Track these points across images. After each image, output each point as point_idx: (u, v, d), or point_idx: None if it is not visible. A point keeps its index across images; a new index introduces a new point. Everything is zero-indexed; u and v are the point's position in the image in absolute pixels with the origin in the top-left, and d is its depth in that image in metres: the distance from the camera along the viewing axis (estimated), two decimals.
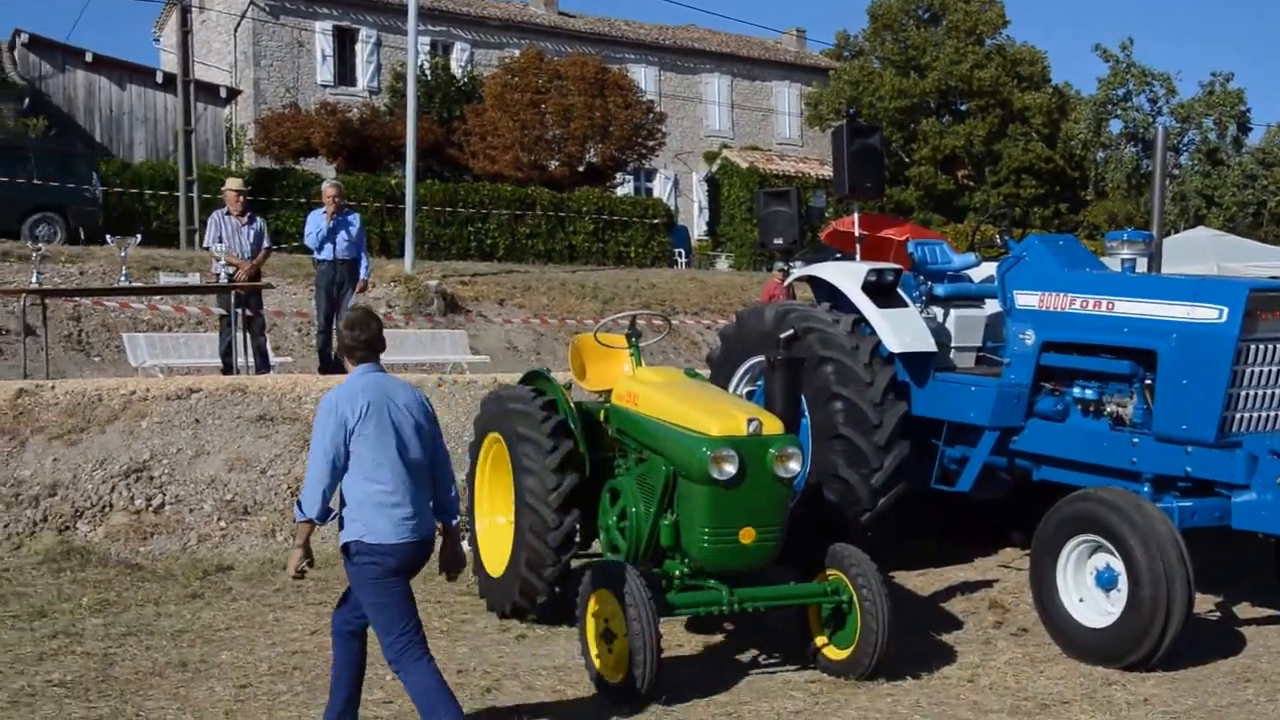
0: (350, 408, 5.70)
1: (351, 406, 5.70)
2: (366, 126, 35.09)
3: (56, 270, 19.70)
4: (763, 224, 11.87)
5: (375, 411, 5.73)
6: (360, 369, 5.89)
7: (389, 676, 7.03)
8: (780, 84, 51.22)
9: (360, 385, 5.82)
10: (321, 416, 5.74)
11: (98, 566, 9.72)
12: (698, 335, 23.94)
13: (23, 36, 32.16)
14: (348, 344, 5.94)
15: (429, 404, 6.09)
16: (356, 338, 5.90)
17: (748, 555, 7.00)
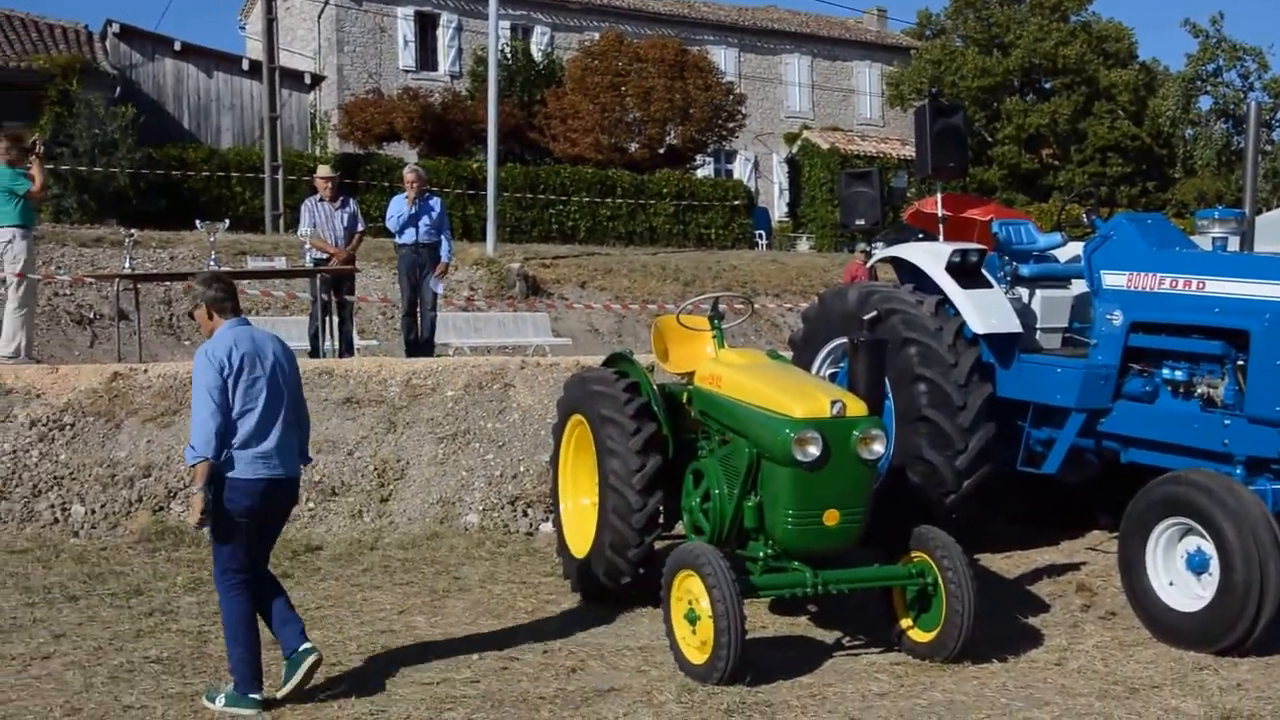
0: (225, 357, 6.26)
1: (226, 356, 6.27)
2: (448, 111, 35.35)
3: (147, 255, 20.13)
4: (844, 205, 11.81)
5: (247, 360, 6.31)
6: (230, 322, 6.45)
7: (476, 655, 7.14)
8: (861, 64, 50.82)
9: (232, 337, 6.38)
10: (200, 367, 6.25)
11: (190, 546, 9.92)
12: (778, 317, 23.88)
13: (114, 27, 32.76)
14: (218, 298, 6.49)
15: (292, 353, 6.72)
16: (226, 293, 6.54)
17: (831, 537, 6.98)
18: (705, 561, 6.70)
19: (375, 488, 10.94)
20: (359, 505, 10.80)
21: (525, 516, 10.78)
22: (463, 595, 8.67)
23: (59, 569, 9.17)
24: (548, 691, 6.56)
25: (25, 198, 12.50)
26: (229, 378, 6.23)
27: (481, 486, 10.95)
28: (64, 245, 20.43)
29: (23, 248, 12.52)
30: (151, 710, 6.23)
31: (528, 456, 11.18)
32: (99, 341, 18.46)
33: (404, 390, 11.74)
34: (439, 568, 9.44)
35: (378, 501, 10.84)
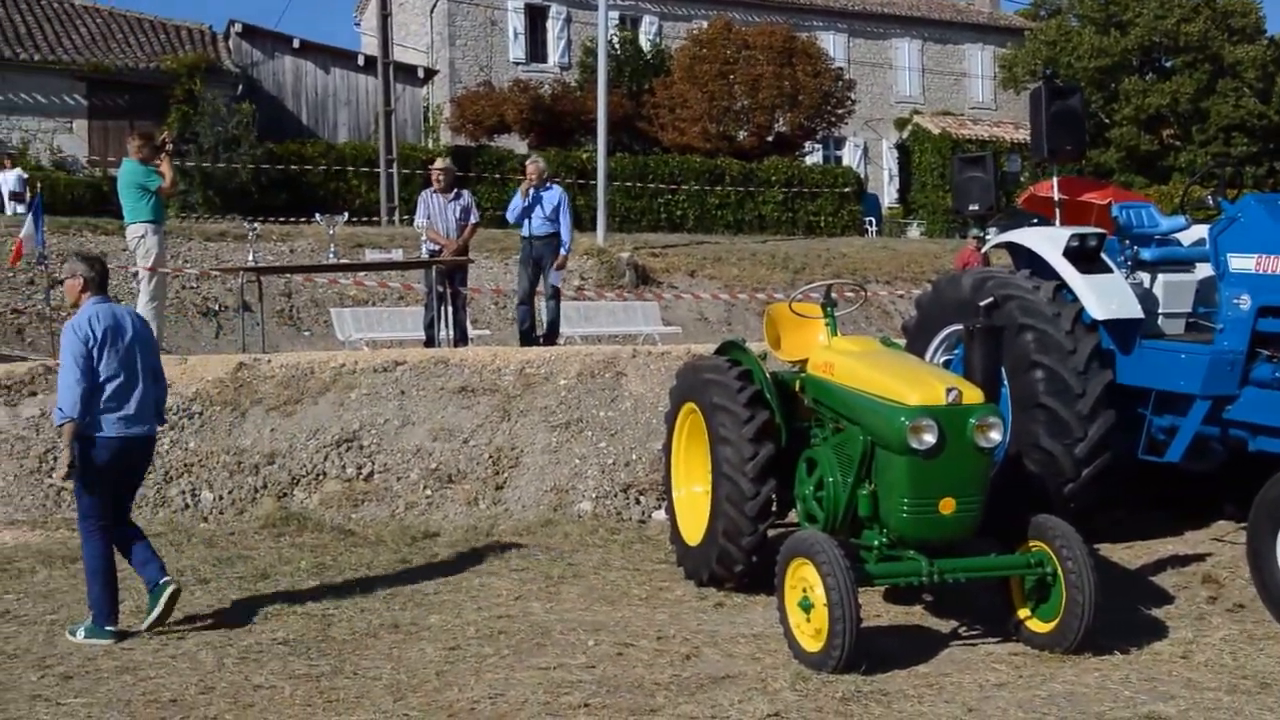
0: (90, 329, 7.22)
1: (90, 328, 7.22)
2: (557, 102, 35.61)
3: (269, 249, 20.60)
4: (957, 190, 11.68)
5: (109, 333, 7.26)
6: (94, 299, 7.40)
7: (591, 641, 7.22)
8: (973, 46, 50.07)
9: (96, 312, 7.33)
10: (68, 338, 7.18)
11: (313, 531, 10.16)
12: (889, 304, 23.69)
13: (237, 26, 33.58)
14: (93, 278, 7.45)
15: (149, 326, 7.78)
16: (100, 274, 7.51)
17: (947, 526, 6.93)
18: (820, 549, 6.69)
19: (490, 475, 11.10)
20: (475, 492, 10.96)
21: (638, 504, 10.86)
22: (577, 582, 8.76)
23: (190, 553, 9.45)
24: (663, 678, 6.61)
25: (156, 194, 12.88)
26: (93, 348, 7.20)
27: (594, 474, 11.05)
28: (190, 240, 21.00)
29: (154, 243, 12.90)
30: (280, 690, 6.41)
31: (640, 444, 11.25)
32: (223, 333, 18.95)
33: (518, 379, 11.88)
34: (553, 554, 9.55)
35: (493, 489, 11.00)
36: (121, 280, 18.63)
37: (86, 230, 20.95)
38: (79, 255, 7.96)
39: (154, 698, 6.30)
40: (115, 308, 7.52)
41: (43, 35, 31.75)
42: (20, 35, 31.44)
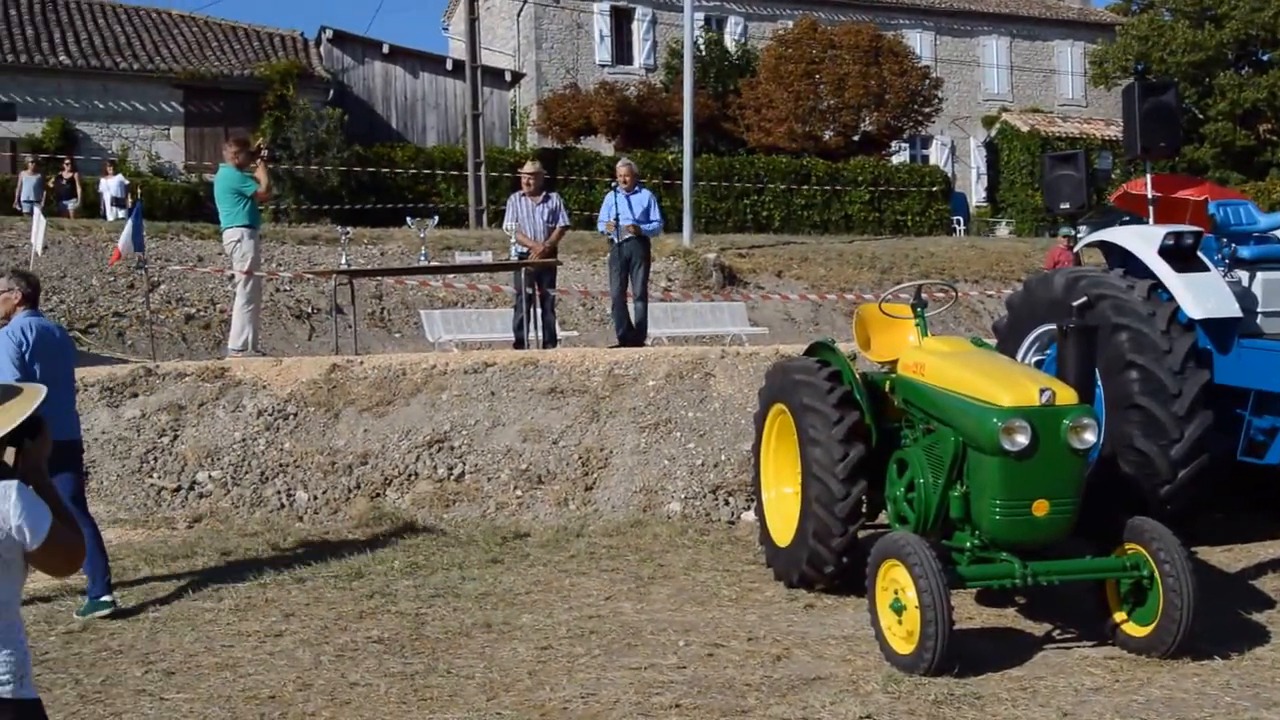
0: (24, 337, 7.81)
1: (24, 336, 7.81)
2: (643, 104, 35.70)
3: (360, 252, 20.88)
4: (1048, 188, 11.54)
5: (40, 343, 7.87)
6: (26, 312, 8.00)
7: (682, 641, 7.25)
8: (1062, 43, 49.37)
9: (29, 323, 7.94)
10: (3, 345, 7.75)
11: (406, 531, 10.30)
12: (978, 304, 23.47)
13: (328, 33, 34.10)
14: (29, 293, 8.09)
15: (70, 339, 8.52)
16: (34, 289, 8.19)
17: (1041, 528, 6.87)
18: (911, 551, 6.66)
19: (580, 476, 11.17)
20: (564, 493, 11.04)
21: (727, 505, 10.87)
22: (667, 582, 8.79)
23: (286, 551, 9.63)
24: (753, 679, 6.62)
25: (252, 199, 13.13)
26: (26, 353, 7.77)
27: (683, 475, 11.08)
28: (283, 243, 21.36)
29: (250, 247, 13.15)
30: (375, 688, 6.51)
31: (729, 445, 11.26)
32: (316, 334, 19.26)
33: (606, 380, 11.94)
34: (643, 555, 9.58)
35: (582, 490, 11.07)
36: (218, 284, 19.04)
37: (183, 234, 21.39)
38: (15, 272, 8.61)
39: (253, 694, 6.44)
40: (44, 320, 8.21)
41: (141, 45, 32.48)
42: (120, 45, 32.19)
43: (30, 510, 3.31)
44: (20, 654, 3.40)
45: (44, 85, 30.64)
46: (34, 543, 3.32)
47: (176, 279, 19.40)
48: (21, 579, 3.42)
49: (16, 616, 3.45)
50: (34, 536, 3.32)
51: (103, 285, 18.99)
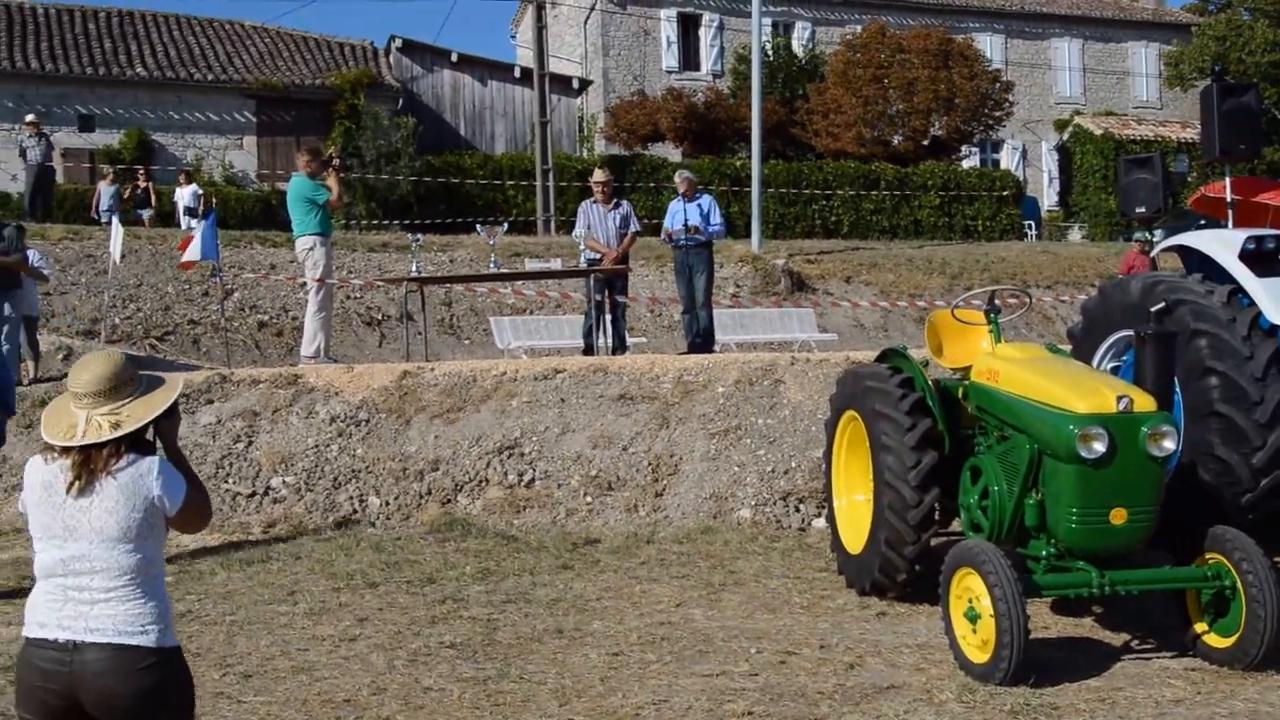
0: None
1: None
2: (711, 110, 35.68)
3: (429, 259, 21.03)
4: (1123, 192, 11.41)
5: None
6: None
7: (754, 649, 7.22)
8: (1136, 44, 48.71)
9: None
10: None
11: (477, 537, 10.36)
12: (1051, 309, 23.20)
13: (397, 42, 34.42)
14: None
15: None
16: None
17: (1118, 537, 6.78)
18: (986, 559, 6.60)
19: (649, 483, 11.17)
20: (634, 500, 11.05)
21: (797, 512, 10.82)
22: (738, 589, 8.77)
23: (359, 557, 9.72)
24: (826, 687, 6.59)
25: (324, 207, 13.28)
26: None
27: (753, 482, 11.05)
28: (353, 251, 21.57)
29: (322, 254, 13.30)
30: (448, 693, 6.55)
31: (799, 452, 11.21)
32: (386, 341, 19.42)
33: (676, 387, 11.94)
34: (713, 562, 9.57)
35: (652, 496, 11.07)
36: (290, 291, 19.26)
37: (256, 243, 21.66)
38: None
39: (329, 698, 6.50)
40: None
41: (215, 56, 32.97)
42: (195, 56, 32.69)
43: (170, 481, 3.86)
44: (164, 606, 3.87)
45: (122, 97, 31.19)
46: (172, 509, 3.88)
47: (250, 287, 19.65)
48: (163, 540, 3.94)
49: (161, 572, 3.94)
50: (173, 504, 3.86)
51: (178, 293, 19.27)
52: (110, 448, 3.80)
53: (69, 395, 3.93)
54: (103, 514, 3.78)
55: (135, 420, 3.85)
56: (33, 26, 32.31)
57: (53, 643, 3.75)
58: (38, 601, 3.85)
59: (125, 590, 3.79)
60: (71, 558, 3.79)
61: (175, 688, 3.85)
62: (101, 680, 3.71)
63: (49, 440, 3.87)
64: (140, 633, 3.77)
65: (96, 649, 3.73)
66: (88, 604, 3.77)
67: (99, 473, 3.78)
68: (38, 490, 3.87)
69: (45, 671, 3.75)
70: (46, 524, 3.84)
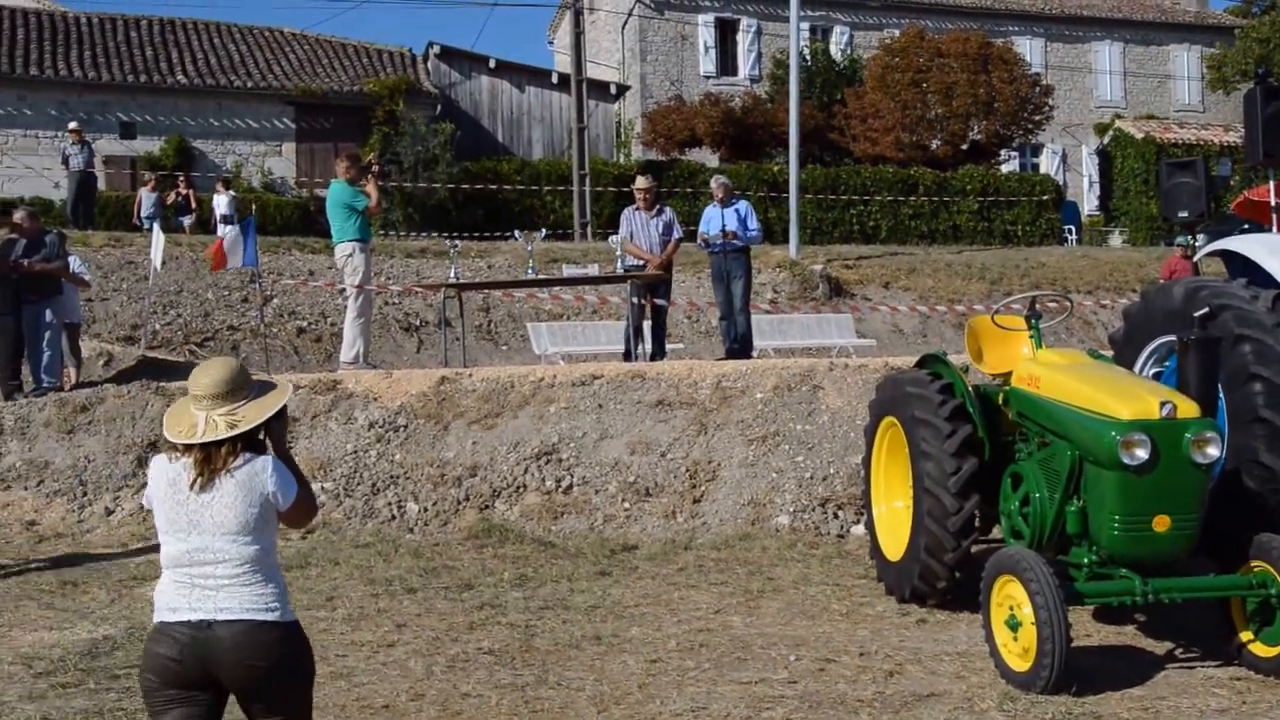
0: None
1: None
2: (748, 115, 35.62)
3: (466, 265, 21.06)
4: (1165, 196, 11.31)
5: None
6: None
7: (793, 656, 7.18)
8: (1178, 47, 48.29)
9: None
10: None
11: (515, 543, 10.37)
12: (1091, 315, 22.99)
13: (435, 48, 34.58)
14: None
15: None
16: None
17: (1162, 544, 6.72)
18: (1027, 567, 6.55)
19: (687, 489, 11.15)
20: (672, 506, 11.03)
21: (836, 518, 10.77)
22: (776, 596, 8.74)
23: (397, 563, 9.74)
24: (866, 694, 6.55)
25: (363, 214, 13.33)
26: None
27: (792, 488, 11.01)
28: (392, 257, 21.64)
29: (361, 261, 13.35)
30: (486, 699, 6.55)
31: (838, 458, 11.17)
32: (424, 347, 19.47)
33: (714, 393, 11.92)
34: (752, 568, 9.54)
35: (690, 502, 11.05)
36: (329, 297, 19.35)
37: (295, 249, 21.77)
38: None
39: (367, 704, 6.51)
40: None
41: (255, 63, 33.21)
42: (235, 64, 32.94)
43: (282, 479, 4.20)
44: (282, 585, 4.24)
45: (162, 104, 31.47)
46: (285, 504, 4.21)
47: (289, 293, 19.75)
48: (276, 531, 4.29)
49: (276, 557, 4.28)
50: (285, 499, 4.20)
51: (217, 300, 19.39)
52: (228, 446, 4.13)
53: (189, 398, 4.23)
54: (222, 509, 4.11)
55: (250, 420, 4.17)
56: (75, 35, 32.65)
57: (185, 623, 4.10)
58: (167, 588, 4.20)
59: (246, 576, 4.13)
60: (195, 549, 4.14)
61: (298, 656, 4.23)
62: (234, 653, 4.06)
63: (171, 439, 4.19)
64: (264, 610, 4.12)
65: (226, 626, 4.07)
66: (213, 590, 4.11)
67: (218, 470, 4.12)
68: (163, 487, 4.20)
69: (181, 645, 4.08)
70: (172, 518, 4.18)
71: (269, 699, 4.16)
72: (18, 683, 6.95)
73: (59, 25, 33.02)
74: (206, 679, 4.10)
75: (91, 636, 7.87)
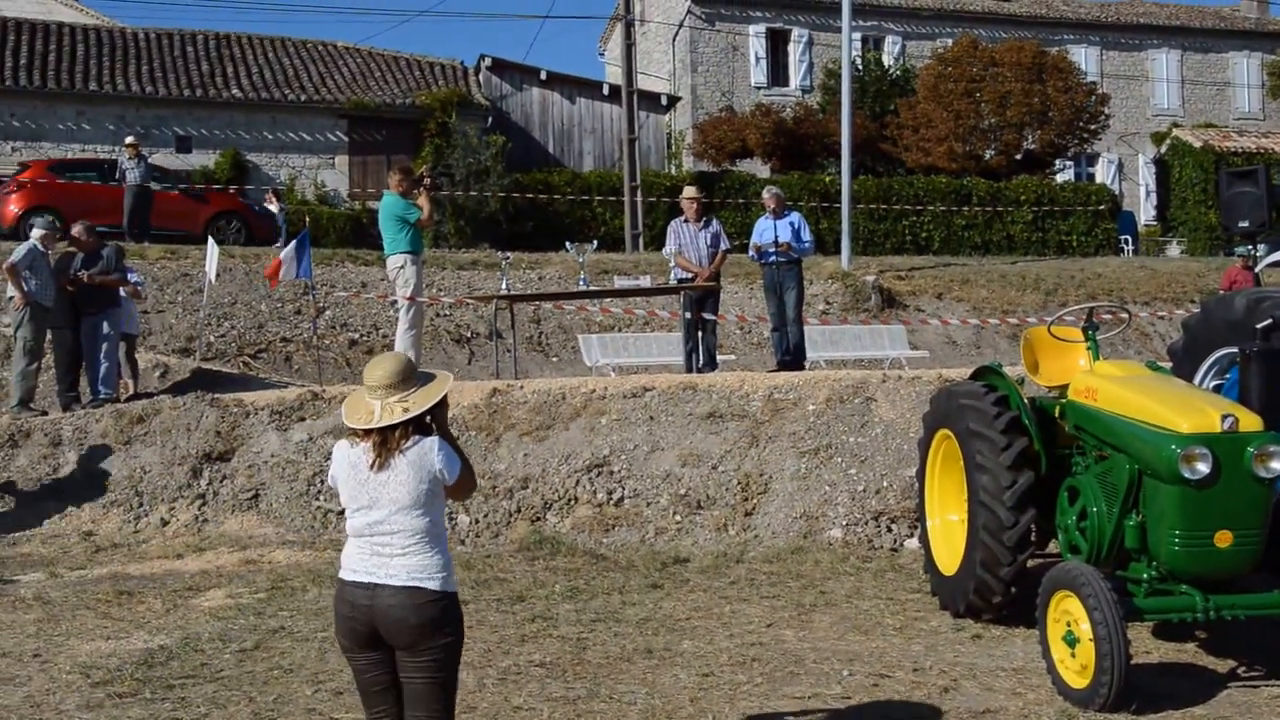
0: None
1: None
2: (800, 125, 35.49)
3: (517, 276, 21.12)
4: (1225, 206, 11.17)
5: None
6: None
7: (846, 671, 7.11)
8: (1238, 55, 47.69)
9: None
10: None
11: (566, 555, 10.34)
12: (1149, 326, 22.71)
13: (486, 60, 34.71)
14: None
15: None
16: None
17: (1223, 560, 6.60)
18: (1085, 582, 6.45)
19: (739, 501, 11.09)
20: (724, 519, 10.97)
21: (889, 532, 10.68)
22: (829, 610, 8.67)
23: None
24: (921, 711, 6.48)
25: (415, 226, 13.37)
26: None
27: (844, 501, 10.93)
28: (443, 269, 21.72)
29: (413, 273, 13.39)
30: (538, 712, 6.53)
31: (890, 471, 11.07)
32: (475, 359, 19.52)
33: (766, 405, 11.85)
34: (804, 582, 9.47)
35: (742, 515, 10.99)
36: (380, 309, 19.45)
37: (348, 261, 21.90)
38: None
39: None
40: None
41: (308, 76, 33.48)
42: (289, 77, 33.24)
43: (448, 457, 4.76)
44: (447, 558, 4.80)
45: (218, 118, 31.79)
46: (451, 479, 4.78)
47: (341, 305, 19.87)
48: (444, 505, 4.88)
49: (444, 530, 4.86)
50: (451, 475, 4.77)
51: (271, 311, 19.53)
52: (401, 429, 4.70)
53: (364, 389, 4.80)
54: (397, 485, 4.69)
55: (420, 406, 4.73)
56: (133, 51, 33.06)
57: (360, 584, 4.71)
58: (351, 554, 4.79)
59: (417, 546, 4.70)
60: (375, 522, 4.72)
61: (451, 622, 4.75)
62: (395, 612, 4.65)
63: (350, 425, 4.78)
64: (428, 578, 4.69)
65: (391, 590, 4.66)
66: (387, 558, 4.70)
67: (393, 451, 4.69)
68: (345, 468, 4.80)
69: (354, 604, 4.71)
70: (354, 495, 4.77)
71: (417, 656, 4.68)
72: (76, 692, 7.01)
73: (117, 41, 33.45)
74: (376, 635, 4.69)
75: (147, 646, 7.93)
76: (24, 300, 13.37)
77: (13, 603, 9.13)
